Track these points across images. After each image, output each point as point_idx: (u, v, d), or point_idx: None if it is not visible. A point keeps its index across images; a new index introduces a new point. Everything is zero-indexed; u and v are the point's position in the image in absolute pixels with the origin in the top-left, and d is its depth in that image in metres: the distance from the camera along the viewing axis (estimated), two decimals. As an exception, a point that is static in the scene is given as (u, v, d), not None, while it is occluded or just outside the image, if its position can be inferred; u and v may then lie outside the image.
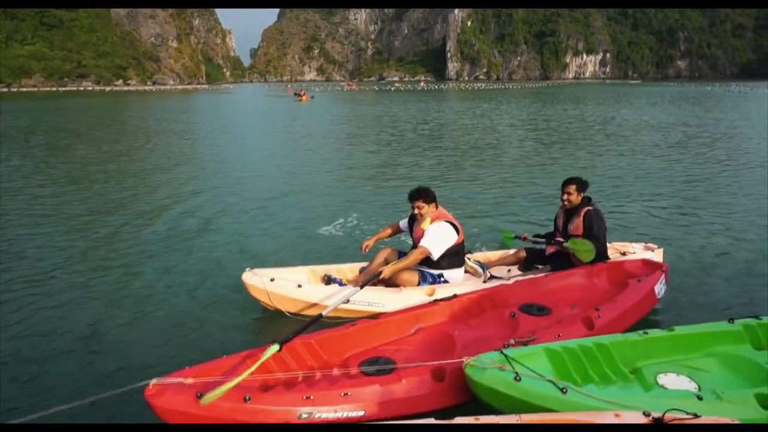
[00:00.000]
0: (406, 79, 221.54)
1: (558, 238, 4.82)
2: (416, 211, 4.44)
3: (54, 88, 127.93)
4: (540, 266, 4.92)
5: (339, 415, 2.73)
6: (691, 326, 3.41)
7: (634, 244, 5.29)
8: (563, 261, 4.72)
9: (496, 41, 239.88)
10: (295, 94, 51.28)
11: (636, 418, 2.32)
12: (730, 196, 8.57)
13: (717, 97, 45.00)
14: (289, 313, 4.14)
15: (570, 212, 4.74)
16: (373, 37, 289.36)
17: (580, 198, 4.70)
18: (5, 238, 6.58)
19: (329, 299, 4.09)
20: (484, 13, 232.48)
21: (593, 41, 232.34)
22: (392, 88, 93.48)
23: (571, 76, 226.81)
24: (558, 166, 11.73)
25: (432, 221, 4.38)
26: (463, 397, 2.89)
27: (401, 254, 4.57)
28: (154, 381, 2.67)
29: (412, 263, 4.30)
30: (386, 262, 4.48)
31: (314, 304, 4.13)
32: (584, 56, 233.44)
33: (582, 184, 4.69)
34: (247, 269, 4.28)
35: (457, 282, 4.46)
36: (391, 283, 4.30)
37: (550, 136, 17.28)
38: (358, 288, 3.95)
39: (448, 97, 55.57)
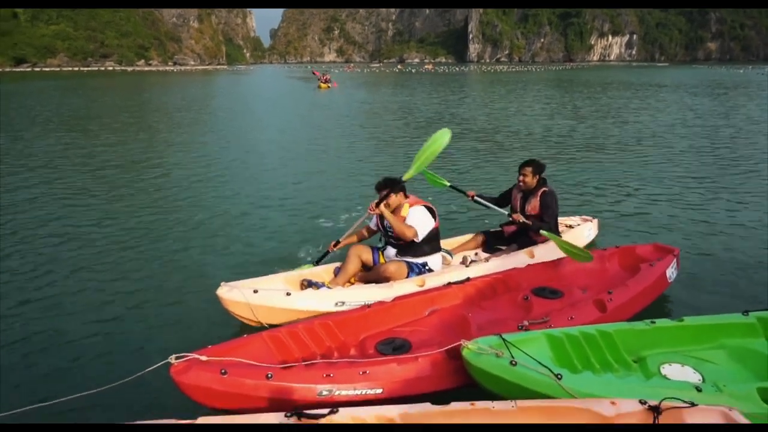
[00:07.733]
0: (426, 60, 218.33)
1: (522, 219, 4.86)
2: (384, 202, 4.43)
3: (77, 68, 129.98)
4: (503, 246, 5.07)
5: (358, 392, 2.80)
6: (702, 317, 3.32)
7: (573, 217, 5.68)
8: (527, 238, 4.91)
9: (519, 22, 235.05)
10: (321, 76, 41.58)
11: (632, 406, 2.31)
12: (753, 192, 8.27)
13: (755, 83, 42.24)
14: (271, 326, 3.90)
15: (527, 193, 4.97)
16: (393, 17, 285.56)
17: (535, 180, 4.90)
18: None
19: (322, 306, 3.96)
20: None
21: (619, 22, 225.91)
22: (396, 69, 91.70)
23: (595, 58, 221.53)
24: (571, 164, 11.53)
25: (410, 206, 4.42)
26: None
27: (375, 251, 4.59)
28: (173, 358, 2.73)
29: (400, 226, 4.29)
30: (361, 262, 4.52)
31: (306, 312, 3.89)
32: (610, 38, 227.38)
33: (538, 167, 4.91)
34: (222, 283, 3.95)
35: (437, 269, 4.51)
36: (380, 278, 4.32)
37: (568, 132, 16.89)
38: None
39: (469, 81, 54.40)
